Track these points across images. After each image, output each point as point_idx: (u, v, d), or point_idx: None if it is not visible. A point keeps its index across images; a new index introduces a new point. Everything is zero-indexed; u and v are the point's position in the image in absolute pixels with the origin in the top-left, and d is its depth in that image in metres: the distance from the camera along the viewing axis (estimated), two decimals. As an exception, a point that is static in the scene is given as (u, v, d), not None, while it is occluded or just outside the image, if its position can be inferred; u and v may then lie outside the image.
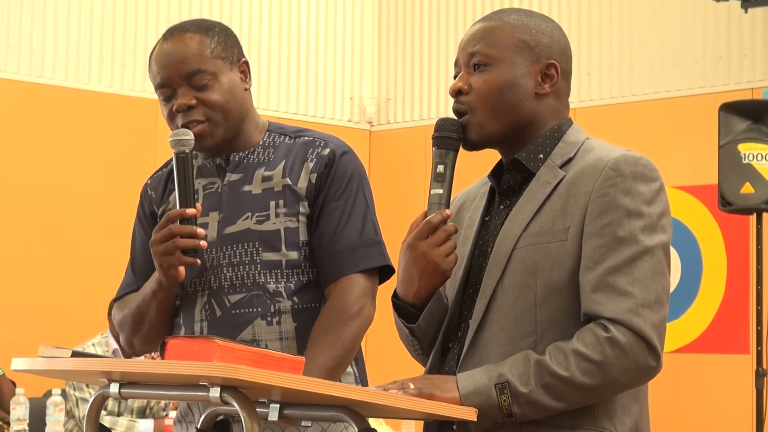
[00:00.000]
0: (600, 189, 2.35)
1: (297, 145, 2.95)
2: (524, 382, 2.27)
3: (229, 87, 2.91)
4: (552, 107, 2.49)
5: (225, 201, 2.92)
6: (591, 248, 2.33)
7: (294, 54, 9.74)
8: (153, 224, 3.01)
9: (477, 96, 2.45)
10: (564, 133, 2.48)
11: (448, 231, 2.40)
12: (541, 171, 2.44)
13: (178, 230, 2.79)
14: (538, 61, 2.47)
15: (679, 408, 8.06)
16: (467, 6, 9.65)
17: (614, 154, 2.39)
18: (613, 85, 8.75)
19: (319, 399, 2.13)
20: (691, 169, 8.15)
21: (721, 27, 8.31)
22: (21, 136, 8.30)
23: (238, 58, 2.96)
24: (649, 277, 2.31)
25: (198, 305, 2.90)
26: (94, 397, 2.41)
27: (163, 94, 2.93)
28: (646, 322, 2.30)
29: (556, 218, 2.37)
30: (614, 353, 2.28)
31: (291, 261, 2.86)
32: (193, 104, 2.87)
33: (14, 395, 6.27)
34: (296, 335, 2.85)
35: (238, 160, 2.96)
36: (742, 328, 7.93)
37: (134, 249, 3.12)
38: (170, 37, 2.93)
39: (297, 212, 2.88)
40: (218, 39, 2.92)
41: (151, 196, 3.07)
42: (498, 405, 2.27)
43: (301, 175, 2.90)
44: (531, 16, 2.51)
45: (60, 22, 8.56)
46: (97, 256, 8.47)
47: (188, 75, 2.88)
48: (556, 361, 2.27)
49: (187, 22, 2.98)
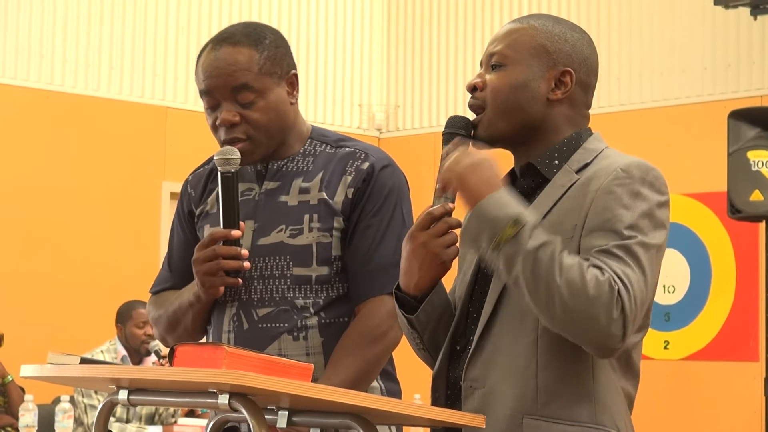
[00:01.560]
0: (607, 186, 2.35)
1: (337, 156, 2.90)
2: (531, 238, 2.25)
3: (274, 105, 2.86)
4: (565, 114, 2.50)
5: (261, 210, 2.90)
6: (589, 241, 2.31)
7: (303, 61, 9.75)
8: (191, 223, 3.01)
9: (489, 93, 2.47)
10: (583, 141, 2.49)
11: (449, 223, 2.39)
12: (557, 176, 2.44)
13: (222, 251, 2.79)
14: (554, 66, 2.48)
15: (688, 415, 8.05)
16: (476, 14, 9.65)
17: (628, 160, 2.40)
18: (622, 92, 8.75)
19: (327, 406, 2.14)
20: (700, 176, 8.15)
21: (731, 34, 8.30)
22: (31, 143, 8.32)
23: (287, 71, 2.90)
24: (642, 266, 2.29)
25: (227, 316, 2.89)
26: (103, 403, 2.41)
27: (207, 102, 2.90)
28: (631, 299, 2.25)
29: (565, 216, 2.38)
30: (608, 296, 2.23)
31: (321, 276, 2.84)
32: (237, 121, 2.84)
33: (23, 402, 6.28)
34: (323, 350, 2.83)
35: (277, 168, 2.92)
36: (751, 336, 7.91)
37: (172, 246, 3.10)
38: (220, 47, 2.88)
39: (331, 227, 2.85)
40: (268, 54, 2.87)
41: (190, 195, 3.04)
42: (502, 229, 2.27)
43: (338, 188, 2.86)
44: (558, 24, 2.53)
45: (69, 28, 8.58)
46: (106, 263, 8.48)
47: (234, 89, 2.84)
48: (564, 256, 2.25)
49: (238, 29, 2.92)
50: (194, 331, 2.94)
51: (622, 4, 8.83)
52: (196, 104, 9.09)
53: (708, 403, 8.05)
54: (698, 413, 8.08)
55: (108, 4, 8.75)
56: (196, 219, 3.00)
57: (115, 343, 7.23)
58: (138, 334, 7.20)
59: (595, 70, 2.56)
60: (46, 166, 8.35)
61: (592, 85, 2.55)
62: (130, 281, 8.44)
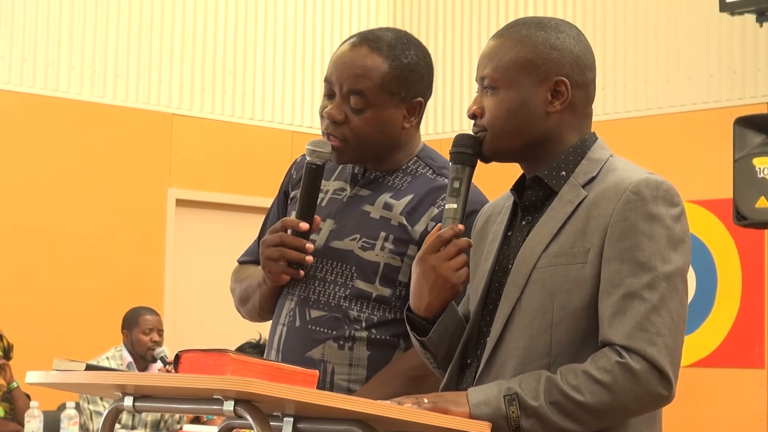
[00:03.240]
0: (620, 212, 2.33)
1: (433, 185, 2.87)
2: (533, 397, 2.27)
3: (382, 121, 2.83)
4: (568, 122, 2.47)
5: (343, 213, 2.89)
6: (610, 272, 2.32)
7: (309, 68, 9.75)
8: (285, 203, 3.02)
9: (489, 119, 2.45)
10: (588, 149, 2.46)
11: (459, 245, 2.40)
12: (564, 190, 2.42)
13: (288, 240, 2.80)
14: (546, 79, 2.43)
15: (693, 423, 8.04)
16: (481, 21, 9.65)
17: (636, 177, 2.37)
18: (627, 99, 8.75)
19: (332, 413, 2.13)
20: (705, 183, 8.14)
21: (736, 41, 8.30)
22: (37, 150, 8.33)
23: (413, 96, 2.86)
24: (667, 304, 2.31)
25: (286, 308, 2.89)
26: (108, 410, 2.41)
27: (326, 89, 2.89)
28: (660, 351, 2.29)
29: (576, 240, 2.36)
30: (625, 378, 2.27)
31: (381, 296, 2.82)
32: (340, 120, 2.83)
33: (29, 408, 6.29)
34: (368, 364, 2.82)
35: (374, 177, 2.91)
36: (757, 343, 7.90)
37: (267, 220, 3.09)
38: (360, 45, 2.85)
39: (404, 253, 2.82)
40: (399, 73, 2.82)
41: (291, 176, 3.04)
42: (506, 416, 2.27)
43: (422, 218, 2.84)
44: (541, 28, 2.47)
45: (75, 36, 8.59)
46: (111, 270, 8.49)
47: (350, 91, 2.82)
48: (566, 380, 2.27)
49: (386, 34, 2.88)
50: (262, 310, 2.96)
51: (628, 11, 8.83)
52: (202, 111, 9.10)
53: (714, 409, 8.04)
54: (704, 420, 8.06)
55: (114, 12, 8.76)
56: (288, 201, 3.01)
57: (121, 350, 7.23)
58: (144, 341, 7.21)
59: (589, 64, 2.48)
60: (51, 173, 8.36)
61: (591, 79, 2.49)
62: (136, 288, 8.45)
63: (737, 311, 8.06)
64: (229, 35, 9.34)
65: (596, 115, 2.57)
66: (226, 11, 9.33)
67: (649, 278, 2.30)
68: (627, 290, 2.30)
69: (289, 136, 9.46)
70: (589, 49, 2.51)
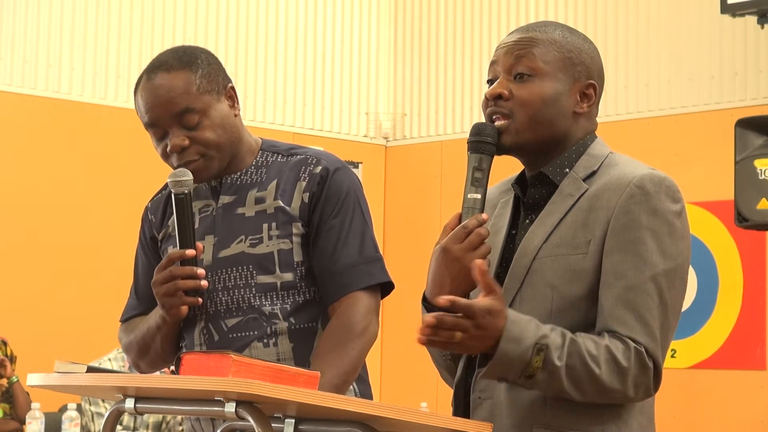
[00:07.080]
0: (624, 205, 2.36)
1: (290, 164, 2.94)
2: (558, 356, 2.28)
3: (220, 121, 2.90)
4: (583, 127, 2.51)
5: (219, 224, 2.93)
6: (612, 264, 2.34)
7: (310, 69, 9.76)
8: (154, 248, 3.07)
9: (519, 104, 2.45)
10: (588, 146, 2.50)
11: (482, 235, 2.40)
12: (564, 183, 2.45)
13: (178, 272, 2.83)
14: (579, 80, 2.49)
15: (694, 424, 8.04)
16: (483, 21, 9.65)
17: (639, 172, 2.40)
18: (629, 100, 8.75)
19: (334, 414, 2.14)
20: (707, 184, 8.14)
21: (738, 43, 8.30)
22: (38, 151, 8.33)
23: (224, 85, 2.95)
24: (665, 300, 2.35)
25: (197, 330, 2.92)
26: (110, 412, 2.41)
27: (154, 134, 2.92)
28: (658, 348, 2.34)
29: (577, 231, 2.39)
30: (636, 368, 2.31)
31: (286, 283, 2.86)
32: (186, 145, 2.87)
33: (29, 407, 6.29)
34: (294, 355, 2.85)
35: (231, 182, 2.96)
36: (758, 344, 7.90)
37: (137, 272, 3.16)
38: (154, 75, 2.89)
39: (290, 233, 2.87)
40: (202, 72, 2.90)
41: (151, 221, 3.10)
42: (528, 362, 2.27)
43: (294, 195, 2.90)
44: (574, 34, 2.52)
45: (77, 37, 8.60)
46: (112, 271, 8.48)
47: (177, 115, 2.86)
48: (586, 348, 2.29)
49: (168, 55, 2.93)
50: (165, 353, 2.97)
51: (629, 13, 8.83)
52: (203, 112, 9.09)
53: (715, 411, 8.04)
54: (705, 422, 8.06)
55: (115, 14, 8.77)
56: (159, 243, 3.05)
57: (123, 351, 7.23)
58: (145, 342, 7.20)
59: (604, 80, 2.58)
60: (53, 175, 8.36)
61: (602, 90, 2.57)
62: (137, 289, 8.44)
63: (738, 313, 8.06)
64: (231, 37, 9.34)
65: (597, 116, 2.59)
66: (227, 13, 9.34)
67: (651, 272, 2.33)
68: (629, 283, 2.32)
69: (290, 137, 9.47)
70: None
